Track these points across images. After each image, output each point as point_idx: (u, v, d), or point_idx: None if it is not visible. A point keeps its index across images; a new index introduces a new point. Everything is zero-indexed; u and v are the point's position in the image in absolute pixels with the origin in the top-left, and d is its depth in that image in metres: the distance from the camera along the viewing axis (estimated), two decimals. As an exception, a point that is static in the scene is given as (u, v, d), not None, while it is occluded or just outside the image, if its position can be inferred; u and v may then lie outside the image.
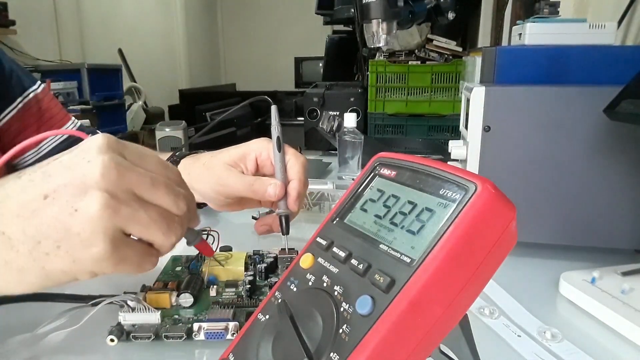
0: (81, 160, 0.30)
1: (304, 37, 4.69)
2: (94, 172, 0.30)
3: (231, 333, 0.42)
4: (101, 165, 0.30)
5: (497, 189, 0.25)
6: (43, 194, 0.30)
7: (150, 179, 0.32)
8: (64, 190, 0.30)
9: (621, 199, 0.58)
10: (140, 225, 0.31)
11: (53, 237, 0.30)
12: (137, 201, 0.31)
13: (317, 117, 1.57)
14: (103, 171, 0.30)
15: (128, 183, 0.31)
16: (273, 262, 0.53)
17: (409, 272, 0.24)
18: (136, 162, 0.32)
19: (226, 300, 0.47)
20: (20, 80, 0.68)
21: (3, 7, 2.54)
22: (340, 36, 2.37)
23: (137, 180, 0.31)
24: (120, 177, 0.30)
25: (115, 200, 0.30)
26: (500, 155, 0.60)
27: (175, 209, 0.33)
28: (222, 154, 0.56)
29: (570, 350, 0.42)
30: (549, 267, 0.58)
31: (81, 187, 0.30)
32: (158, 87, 4.16)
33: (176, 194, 0.33)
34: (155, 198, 0.32)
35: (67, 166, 0.31)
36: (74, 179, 0.30)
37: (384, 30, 0.89)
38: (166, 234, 0.32)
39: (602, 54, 0.63)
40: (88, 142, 0.32)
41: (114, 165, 0.30)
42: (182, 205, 0.33)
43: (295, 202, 0.52)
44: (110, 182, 0.30)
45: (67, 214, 0.29)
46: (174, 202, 0.33)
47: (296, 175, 0.53)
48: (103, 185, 0.30)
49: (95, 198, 0.29)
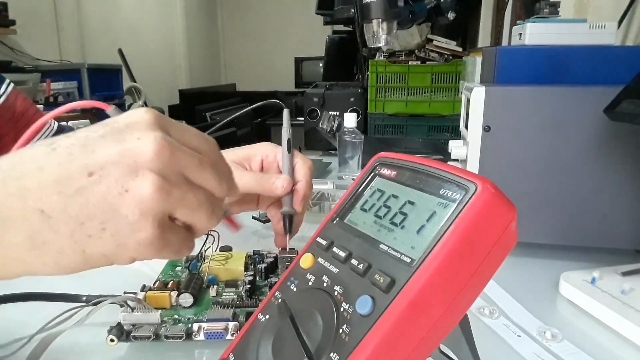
0: (129, 136, 0.28)
1: (304, 37, 4.69)
2: (147, 151, 0.28)
3: (231, 333, 0.42)
4: (154, 144, 0.28)
5: (497, 189, 0.25)
6: (88, 171, 0.27)
7: (198, 160, 0.30)
8: (112, 168, 0.27)
9: (621, 199, 0.57)
10: (189, 209, 0.29)
11: (99, 218, 0.27)
12: (187, 184, 0.29)
13: (317, 117, 1.57)
14: (157, 150, 0.28)
15: (178, 164, 0.29)
16: (273, 262, 0.53)
17: (409, 272, 0.24)
18: (181, 139, 0.30)
19: (226, 300, 0.47)
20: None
21: (3, 7, 2.54)
22: (340, 36, 2.37)
23: (186, 161, 0.29)
24: (173, 158, 0.28)
25: (167, 182, 0.28)
26: (500, 155, 0.60)
27: (219, 191, 0.32)
28: (227, 152, 0.56)
29: (570, 350, 0.42)
30: (549, 267, 0.58)
31: (132, 166, 0.27)
32: (158, 87, 4.16)
33: (221, 174, 0.32)
34: (203, 180, 0.30)
35: (113, 140, 0.28)
36: (124, 157, 0.27)
37: (384, 30, 0.89)
38: (210, 218, 0.31)
39: (602, 54, 0.63)
40: (133, 115, 0.29)
41: (167, 144, 0.28)
42: (225, 186, 0.32)
43: (300, 202, 0.53)
44: (163, 163, 0.28)
45: (116, 193, 0.27)
46: (219, 183, 0.31)
47: (303, 177, 0.54)
48: (156, 166, 0.28)
49: (148, 179, 0.27)
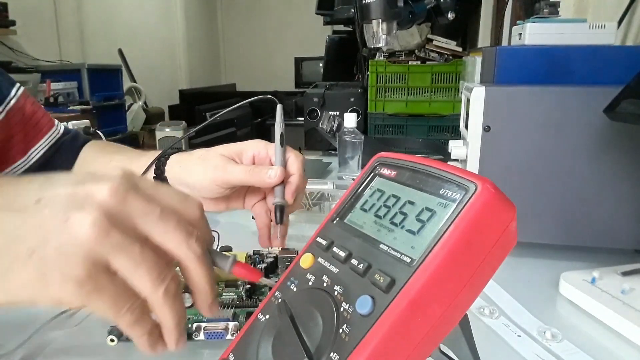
0: (91, 179, 0.28)
1: (304, 37, 4.69)
2: (101, 190, 0.27)
3: (231, 333, 0.43)
4: (109, 187, 0.28)
5: (497, 189, 0.25)
6: (36, 197, 0.28)
7: (159, 213, 0.28)
8: (60, 199, 0.27)
9: (621, 199, 0.58)
10: (129, 261, 0.27)
11: (29, 242, 0.26)
12: (136, 236, 0.28)
13: (317, 117, 1.57)
14: (110, 191, 0.27)
15: (132, 212, 0.28)
16: (273, 262, 0.53)
17: (409, 272, 0.24)
18: (150, 192, 0.29)
19: (226, 301, 0.47)
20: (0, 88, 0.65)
21: (3, 7, 2.54)
22: (340, 36, 2.38)
23: (144, 210, 0.28)
24: (126, 201, 0.28)
25: (110, 223, 0.27)
26: (500, 155, 0.60)
27: (181, 252, 0.29)
28: (219, 147, 0.57)
29: (570, 350, 0.42)
30: (549, 267, 0.58)
31: (81, 201, 0.27)
32: (158, 87, 4.16)
33: (188, 232, 0.29)
34: (160, 235, 0.28)
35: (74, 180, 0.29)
36: (76, 192, 0.28)
37: (384, 31, 0.89)
38: (156, 284, 0.28)
39: (602, 54, 0.63)
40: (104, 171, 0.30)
41: (124, 188, 0.28)
42: (195, 246, 0.29)
43: (292, 194, 0.53)
44: (113, 204, 0.27)
45: (55, 221, 0.27)
46: (183, 241, 0.29)
47: (296, 171, 0.54)
48: (104, 205, 0.27)
49: (90, 214, 0.26)
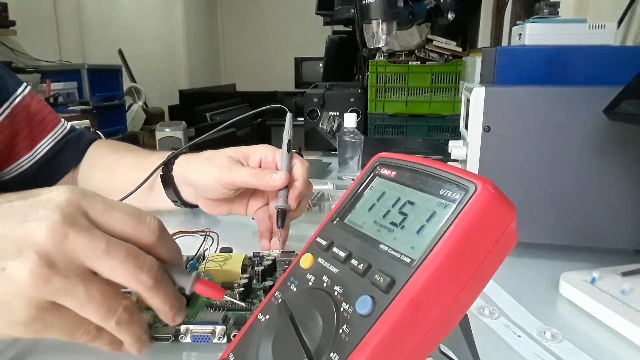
0: (33, 213, 0.27)
1: (304, 37, 4.69)
2: (39, 232, 0.26)
3: (217, 337, 0.42)
4: (49, 226, 0.26)
5: (497, 189, 0.25)
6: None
7: (105, 248, 0.27)
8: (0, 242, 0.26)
9: (621, 199, 0.58)
10: (75, 302, 0.27)
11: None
12: (79, 274, 0.27)
13: (317, 118, 1.58)
14: (47, 232, 0.26)
15: (74, 251, 0.27)
16: (271, 265, 0.52)
17: (409, 272, 0.24)
18: (102, 222, 0.28)
19: (219, 303, 0.46)
20: (5, 86, 0.67)
21: (3, 8, 2.54)
22: (340, 36, 2.38)
23: (87, 246, 0.27)
24: (66, 242, 0.26)
25: (49, 269, 0.26)
26: (500, 155, 0.60)
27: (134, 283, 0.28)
28: (227, 150, 0.57)
29: (570, 350, 0.42)
30: (549, 267, 0.58)
31: (18, 244, 0.26)
32: (158, 87, 4.16)
33: (138, 265, 0.28)
34: (107, 271, 0.28)
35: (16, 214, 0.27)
36: (15, 233, 0.26)
37: (384, 31, 0.88)
38: (104, 316, 0.28)
39: (602, 54, 0.63)
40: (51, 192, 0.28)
41: (64, 227, 0.26)
42: (145, 278, 0.28)
43: (295, 199, 0.53)
44: (52, 247, 0.26)
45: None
46: (133, 274, 0.28)
47: (301, 176, 0.54)
48: (41, 249, 0.26)
49: (27, 262, 0.26)
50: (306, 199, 0.57)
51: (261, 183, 0.53)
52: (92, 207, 0.28)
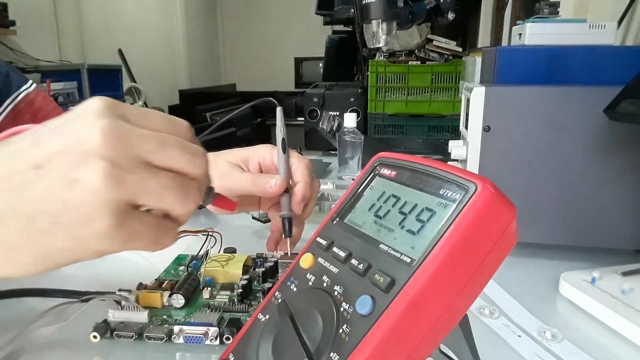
0: (77, 125, 0.27)
1: (304, 37, 4.69)
2: (94, 138, 0.26)
3: (210, 339, 0.41)
4: (101, 130, 0.26)
5: (497, 189, 0.25)
6: (33, 164, 0.26)
7: (159, 140, 0.28)
8: (58, 159, 0.26)
9: (621, 199, 0.58)
10: (152, 194, 0.28)
11: (49, 212, 0.26)
12: (146, 168, 0.27)
13: (317, 117, 1.58)
14: (104, 137, 0.26)
15: (134, 148, 0.27)
16: (272, 267, 0.52)
17: (409, 272, 0.24)
18: (140, 123, 0.28)
19: (217, 304, 0.46)
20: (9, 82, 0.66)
21: (3, 7, 2.54)
22: (340, 36, 2.38)
23: (143, 144, 0.27)
24: (124, 143, 0.27)
25: (119, 169, 0.26)
26: (500, 155, 0.60)
27: (192, 169, 0.29)
28: (226, 154, 0.56)
29: (570, 350, 0.42)
30: (549, 267, 0.58)
31: (80, 155, 0.26)
32: (158, 87, 4.16)
33: (191, 152, 0.29)
34: (167, 161, 0.28)
35: (59, 132, 0.27)
36: (71, 147, 0.26)
37: (384, 31, 0.88)
38: (183, 201, 0.29)
39: (602, 54, 0.63)
40: (83, 105, 0.28)
41: (116, 129, 0.27)
42: (200, 162, 0.30)
43: (299, 204, 0.52)
44: (113, 149, 0.26)
45: (64, 185, 0.26)
46: (190, 161, 0.29)
47: (302, 177, 0.53)
48: (105, 153, 0.26)
49: (96, 167, 0.26)
50: (313, 200, 0.55)
51: (259, 190, 0.52)
52: (128, 110, 0.29)
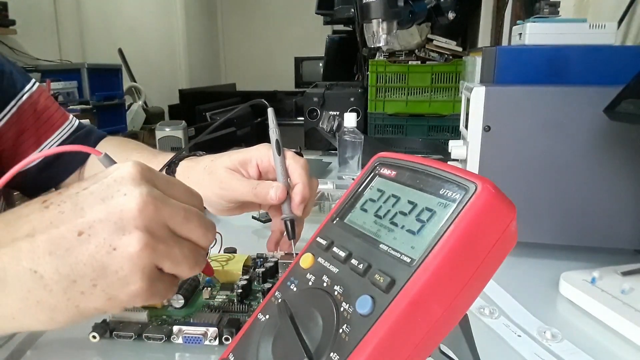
0: (116, 192, 0.29)
1: (304, 37, 4.69)
2: (132, 208, 0.29)
3: (209, 339, 0.42)
4: (139, 200, 0.29)
5: (497, 189, 0.25)
6: (77, 230, 0.29)
7: (184, 212, 0.31)
8: (100, 227, 0.29)
9: (621, 199, 0.57)
10: (173, 261, 0.31)
11: (89, 276, 0.29)
12: (172, 237, 0.31)
13: (317, 117, 1.57)
14: (141, 206, 0.29)
15: (163, 218, 0.30)
16: (272, 267, 0.51)
17: (409, 272, 0.24)
18: (167, 192, 0.31)
19: (217, 304, 0.46)
20: (13, 82, 0.66)
21: (3, 7, 2.54)
22: (340, 36, 2.38)
23: (171, 214, 0.31)
24: (157, 213, 0.30)
25: (153, 238, 0.29)
26: (500, 155, 0.60)
27: (205, 242, 0.33)
28: (223, 158, 0.55)
29: (570, 350, 0.42)
30: (549, 267, 0.58)
31: (119, 224, 0.29)
32: (158, 87, 4.16)
33: (206, 225, 0.33)
34: (188, 232, 0.32)
35: (101, 198, 0.29)
36: (111, 215, 0.29)
37: (384, 30, 0.88)
38: (193, 268, 0.32)
39: (602, 54, 0.63)
40: (120, 170, 0.31)
41: (152, 199, 0.29)
42: (211, 235, 0.33)
43: (298, 206, 0.51)
44: (148, 219, 0.29)
45: (104, 252, 0.29)
46: (204, 235, 0.32)
47: (299, 178, 0.52)
48: (141, 223, 0.29)
49: (135, 237, 0.29)
50: (312, 199, 0.55)
51: (260, 200, 0.52)
52: (158, 179, 0.32)
